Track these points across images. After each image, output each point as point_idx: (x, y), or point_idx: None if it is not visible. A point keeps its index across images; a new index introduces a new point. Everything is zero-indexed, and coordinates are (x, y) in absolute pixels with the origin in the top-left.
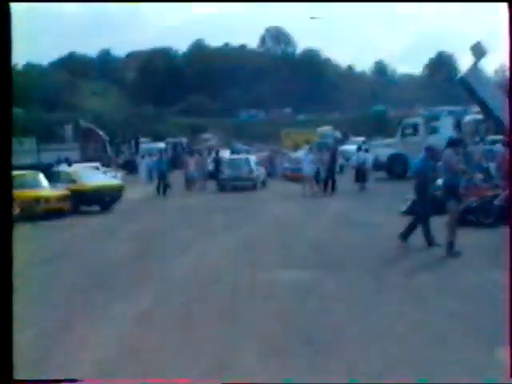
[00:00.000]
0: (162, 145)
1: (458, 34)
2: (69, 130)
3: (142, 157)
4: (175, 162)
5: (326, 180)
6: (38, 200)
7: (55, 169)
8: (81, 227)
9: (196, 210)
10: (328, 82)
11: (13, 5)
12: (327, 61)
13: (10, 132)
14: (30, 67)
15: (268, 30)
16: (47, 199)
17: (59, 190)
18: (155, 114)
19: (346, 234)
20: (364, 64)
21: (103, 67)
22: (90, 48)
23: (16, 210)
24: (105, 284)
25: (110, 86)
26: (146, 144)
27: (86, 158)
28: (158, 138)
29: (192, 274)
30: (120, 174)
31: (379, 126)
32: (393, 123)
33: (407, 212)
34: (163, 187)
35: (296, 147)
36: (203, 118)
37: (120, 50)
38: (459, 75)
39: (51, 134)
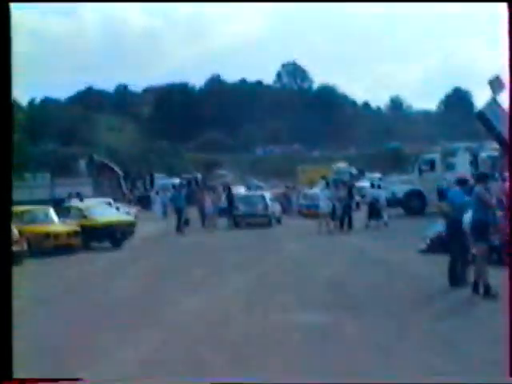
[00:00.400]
0: (176, 180)
1: (475, 68)
2: (83, 164)
3: (157, 192)
4: (189, 198)
5: (343, 217)
6: (47, 235)
7: (66, 204)
8: (89, 264)
9: (209, 247)
10: (344, 117)
11: (30, 38)
12: (343, 97)
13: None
14: (47, 102)
15: (284, 66)
16: (56, 235)
17: (69, 226)
18: (171, 150)
19: (365, 272)
20: (379, 100)
21: (120, 102)
22: (107, 83)
23: (24, 246)
24: (107, 326)
25: (126, 121)
26: (160, 179)
27: (99, 193)
28: (173, 173)
29: (201, 315)
30: (134, 209)
31: (394, 163)
32: (408, 159)
33: (427, 250)
34: (181, 223)
35: (311, 183)
36: (219, 153)
37: (137, 85)
38: (477, 110)
39: (66, 168)
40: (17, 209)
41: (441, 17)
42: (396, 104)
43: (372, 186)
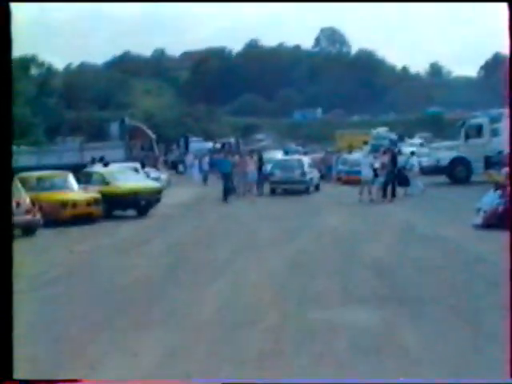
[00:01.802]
0: (210, 144)
1: None
2: (114, 128)
3: (195, 156)
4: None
5: (386, 185)
6: (64, 204)
7: (87, 169)
8: (108, 236)
9: (241, 218)
10: (383, 83)
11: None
12: (382, 61)
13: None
14: (84, 67)
15: (323, 31)
16: (74, 203)
17: (89, 193)
18: (208, 114)
19: (416, 252)
20: (419, 65)
21: (157, 67)
22: (144, 48)
23: (36, 215)
24: (113, 318)
25: (163, 86)
26: (196, 143)
27: (131, 157)
28: (209, 137)
29: (224, 308)
30: (166, 174)
31: (435, 129)
32: (451, 125)
33: (482, 225)
34: (228, 191)
35: (351, 149)
36: (256, 117)
37: (174, 49)
38: None
39: (100, 132)
40: (31, 175)
41: None
42: (435, 69)
43: (412, 153)
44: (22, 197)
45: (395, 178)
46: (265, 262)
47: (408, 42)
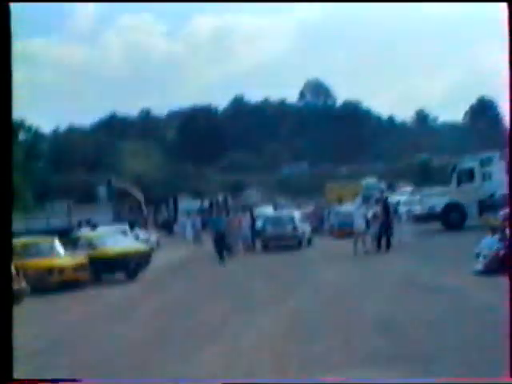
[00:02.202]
0: (197, 203)
1: (497, 74)
2: (102, 190)
3: (188, 215)
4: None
5: (380, 235)
6: (50, 270)
7: (74, 233)
8: (95, 302)
9: (234, 276)
10: (369, 133)
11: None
12: (367, 112)
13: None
14: (71, 130)
15: (307, 84)
16: (61, 269)
17: (76, 258)
18: (196, 172)
19: (419, 304)
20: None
21: (143, 127)
22: (130, 108)
23: (22, 284)
24: None
25: (150, 146)
26: (184, 203)
27: (120, 219)
28: (199, 196)
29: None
30: (155, 235)
31: (424, 175)
32: (437, 172)
33: (484, 271)
34: (223, 250)
35: (340, 201)
36: (245, 174)
37: (160, 108)
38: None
39: (88, 195)
40: (16, 241)
41: (459, 23)
42: (421, 117)
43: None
44: None
45: (388, 227)
46: (262, 323)
47: (393, 91)
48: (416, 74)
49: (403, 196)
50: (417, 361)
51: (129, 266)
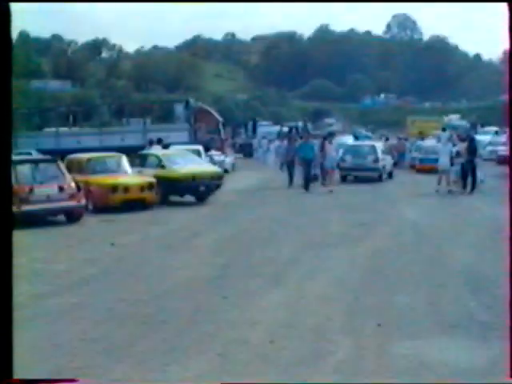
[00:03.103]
0: (277, 128)
1: None
2: (179, 109)
3: (270, 141)
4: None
5: (465, 175)
6: (114, 188)
7: (143, 152)
8: (158, 226)
9: (309, 207)
10: (455, 70)
11: None
12: (455, 48)
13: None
14: (155, 50)
15: (395, 17)
16: (126, 187)
17: (143, 177)
18: (277, 97)
19: None
20: (492, 52)
21: (227, 50)
22: (215, 32)
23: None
24: (136, 339)
25: (233, 69)
26: (264, 127)
27: (196, 140)
28: (279, 121)
29: (281, 334)
30: (232, 158)
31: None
32: None
33: None
34: (309, 179)
35: (422, 135)
36: (326, 102)
37: (245, 33)
38: None
39: (168, 114)
40: (81, 157)
41: None
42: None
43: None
44: (66, 181)
45: (474, 167)
46: (334, 266)
47: (481, 29)
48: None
49: (487, 136)
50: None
51: (198, 189)
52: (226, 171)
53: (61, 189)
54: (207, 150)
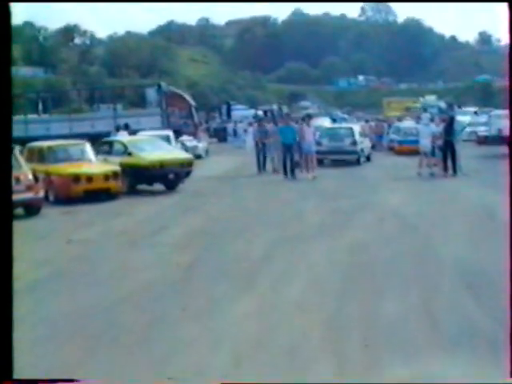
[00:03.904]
0: (252, 112)
1: None
2: (151, 94)
3: (250, 124)
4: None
5: (445, 156)
6: (76, 178)
7: (108, 138)
8: (121, 218)
9: (283, 194)
10: (431, 51)
11: None
12: (430, 30)
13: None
14: (128, 36)
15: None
16: (89, 177)
17: (108, 166)
18: (252, 81)
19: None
20: (467, 34)
21: (202, 35)
22: (189, 17)
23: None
24: (78, 366)
25: (207, 54)
26: (238, 110)
27: (169, 125)
28: (255, 105)
29: (250, 352)
30: (205, 143)
31: (484, 97)
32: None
33: None
34: (290, 165)
35: (399, 117)
36: (301, 85)
37: (219, 18)
38: None
39: (140, 100)
40: (42, 144)
41: None
42: (484, 38)
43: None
44: (23, 171)
45: (453, 149)
46: (312, 264)
47: (457, 10)
48: None
49: (466, 116)
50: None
51: (166, 177)
52: (198, 157)
53: (16, 180)
54: (180, 135)
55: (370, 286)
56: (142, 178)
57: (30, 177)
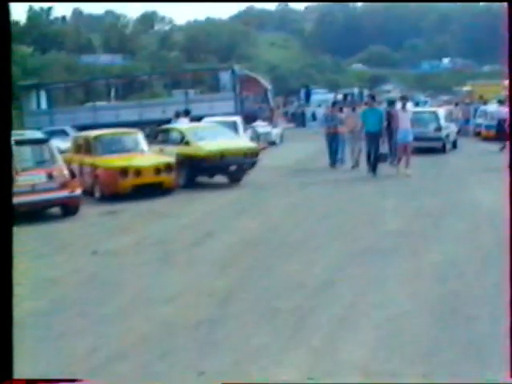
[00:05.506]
0: (331, 96)
1: None
2: (224, 77)
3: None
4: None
5: None
6: (124, 171)
7: (166, 126)
8: (166, 220)
9: (357, 192)
10: None
11: None
12: None
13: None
14: (208, 21)
15: None
16: (138, 170)
17: (161, 157)
18: (333, 65)
19: None
20: None
21: (281, 20)
22: (268, 3)
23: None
24: None
25: (287, 38)
26: (319, 95)
27: (243, 110)
28: (335, 89)
29: None
30: (280, 128)
31: None
32: None
33: None
34: (375, 157)
35: (485, 100)
36: (383, 68)
37: (298, 4)
38: None
39: (216, 85)
40: (88, 134)
41: None
42: None
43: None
44: (57, 166)
45: None
46: (388, 298)
47: None
48: None
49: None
50: None
51: (227, 168)
52: (272, 143)
53: (50, 176)
54: (254, 120)
55: (472, 338)
56: (201, 170)
57: (65, 172)
